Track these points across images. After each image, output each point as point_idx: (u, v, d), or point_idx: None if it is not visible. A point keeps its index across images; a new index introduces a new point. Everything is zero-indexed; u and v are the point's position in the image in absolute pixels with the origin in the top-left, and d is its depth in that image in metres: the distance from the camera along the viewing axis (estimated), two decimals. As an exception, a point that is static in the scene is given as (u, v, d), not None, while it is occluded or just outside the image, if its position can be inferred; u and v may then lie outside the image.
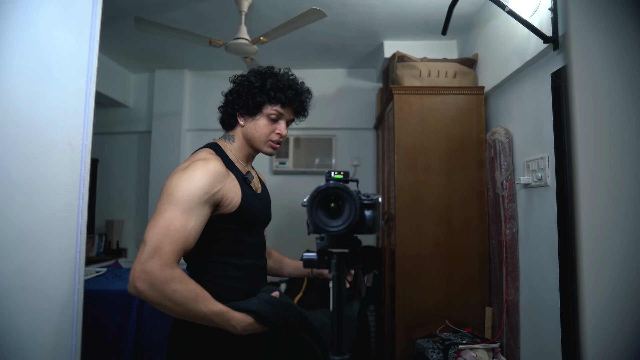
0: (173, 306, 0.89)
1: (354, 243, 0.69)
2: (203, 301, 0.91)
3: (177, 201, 0.94)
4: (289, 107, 1.16)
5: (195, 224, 0.96)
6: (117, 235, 3.48)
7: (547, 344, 1.62)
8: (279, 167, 3.39)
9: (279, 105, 1.14)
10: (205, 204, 0.99)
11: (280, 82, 1.14)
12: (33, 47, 0.86)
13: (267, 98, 1.13)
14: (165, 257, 0.89)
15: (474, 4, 2.27)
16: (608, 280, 0.67)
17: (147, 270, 0.87)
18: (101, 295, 2.01)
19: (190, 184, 0.97)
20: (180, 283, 0.89)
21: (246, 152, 1.19)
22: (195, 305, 0.90)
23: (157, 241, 0.89)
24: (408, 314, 2.10)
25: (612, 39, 0.71)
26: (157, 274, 0.87)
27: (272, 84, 1.13)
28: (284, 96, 1.13)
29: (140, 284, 0.86)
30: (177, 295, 0.88)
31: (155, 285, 0.87)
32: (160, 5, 2.36)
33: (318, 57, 3.20)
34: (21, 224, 0.82)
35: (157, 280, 0.87)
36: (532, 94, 1.78)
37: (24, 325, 0.82)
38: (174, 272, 0.89)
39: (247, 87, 1.14)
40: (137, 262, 0.88)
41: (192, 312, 0.90)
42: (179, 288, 0.88)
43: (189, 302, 0.89)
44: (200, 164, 1.01)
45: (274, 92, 1.13)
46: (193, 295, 0.90)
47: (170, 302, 0.88)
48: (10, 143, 0.80)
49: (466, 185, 2.14)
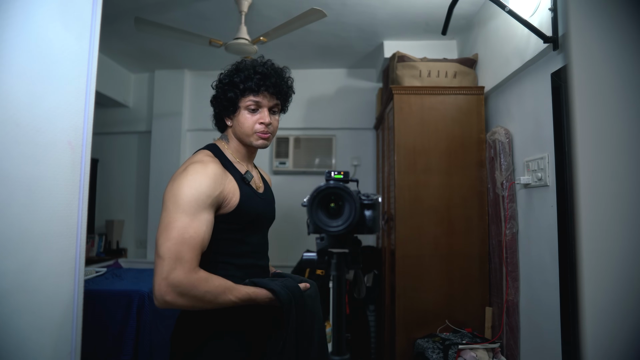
0: (206, 305, 0.96)
1: (354, 243, 0.69)
2: (231, 292, 0.97)
3: (185, 208, 0.96)
4: (264, 92, 1.12)
5: (207, 228, 1.00)
6: (117, 235, 3.48)
7: (547, 344, 1.62)
8: (279, 167, 3.39)
9: (252, 95, 1.11)
10: (210, 207, 1.00)
11: (245, 70, 1.12)
12: (33, 47, 0.86)
13: (238, 92, 1.11)
14: (187, 264, 0.93)
15: (474, 4, 2.27)
16: (608, 280, 0.67)
17: (173, 283, 0.90)
18: (101, 295, 2.01)
19: (193, 190, 0.98)
20: (207, 283, 0.94)
21: (243, 151, 1.18)
22: (225, 297, 0.96)
23: (176, 252, 0.92)
24: (408, 314, 2.10)
25: (612, 39, 0.71)
26: (184, 282, 0.91)
27: (238, 76, 1.12)
28: (252, 83, 1.10)
29: (170, 297, 0.90)
30: (208, 296, 0.94)
31: (185, 293, 0.91)
32: (160, 5, 2.36)
33: (318, 57, 3.20)
34: (21, 224, 0.82)
35: (186, 288, 0.91)
36: (532, 94, 1.78)
37: (24, 325, 0.82)
38: (198, 275, 0.94)
39: (220, 88, 1.15)
40: (159, 277, 0.90)
41: (223, 304, 0.97)
42: (208, 289, 0.94)
43: (219, 297, 0.96)
44: (198, 168, 1.02)
45: (243, 83, 1.11)
46: (221, 290, 0.96)
47: (202, 302, 0.94)
48: (10, 143, 0.80)
49: (466, 185, 2.14)
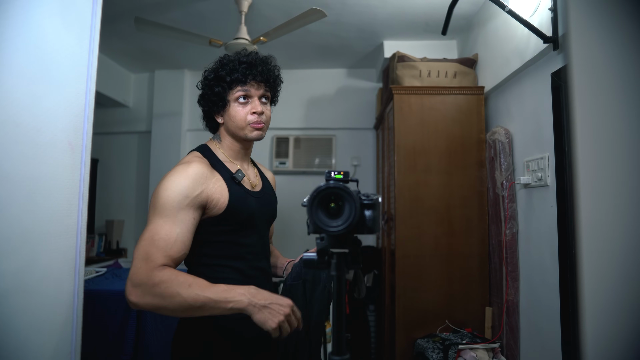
0: (171, 302, 0.87)
1: (354, 243, 0.69)
2: (199, 287, 0.89)
3: (159, 210, 0.95)
4: (251, 82, 1.10)
5: (182, 230, 0.96)
6: (117, 235, 3.48)
7: (547, 344, 1.62)
8: (279, 167, 3.39)
9: (239, 86, 1.09)
10: (188, 208, 0.98)
11: (230, 63, 1.10)
12: (33, 47, 0.86)
13: (225, 85, 1.09)
14: (152, 263, 0.90)
15: (474, 4, 2.27)
16: (608, 280, 0.67)
17: (135, 281, 0.88)
18: (101, 295, 2.01)
19: (169, 191, 0.97)
20: (170, 279, 0.88)
21: (236, 149, 1.15)
22: (191, 292, 0.87)
23: (144, 252, 0.91)
24: (408, 314, 2.10)
25: (612, 39, 0.71)
26: (144, 280, 0.88)
27: (223, 69, 1.10)
28: (238, 74, 1.08)
29: (133, 296, 0.88)
30: (169, 290, 0.87)
31: (147, 291, 0.87)
32: (160, 5, 2.36)
33: (318, 57, 3.20)
34: (21, 224, 0.82)
35: (147, 286, 0.87)
36: (532, 94, 1.78)
37: (24, 326, 0.82)
38: (162, 272, 0.89)
39: (206, 86, 1.13)
40: (127, 278, 0.90)
41: (192, 300, 0.87)
42: (169, 284, 0.87)
43: (183, 291, 0.87)
44: (180, 169, 1.01)
45: (229, 75, 1.09)
46: (186, 284, 0.88)
47: (165, 299, 0.87)
48: (10, 143, 0.80)
49: (466, 185, 2.14)
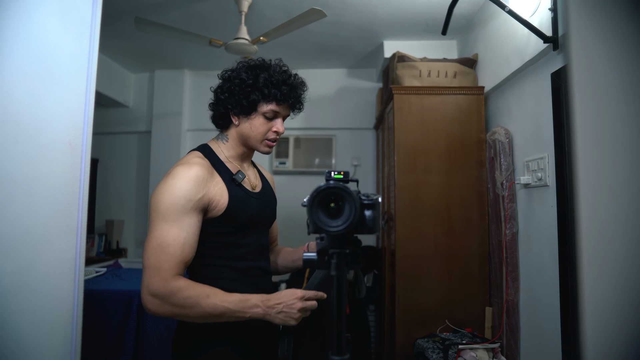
0: (190, 312, 0.92)
1: (354, 243, 0.69)
2: (216, 296, 0.93)
3: (164, 215, 0.95)
4: (285, 103, 1.10)
5: (188, 234, 0.97)
6: (117, 235, 3.48)
7: (547, 344, 1.62)
8: (279, 167, 3.39)
9: (274, 103, 1.08)
10: (192, 212, 0.98)
11: (273, 77, 1.07)
12: (33, 47, 0.86)
13: (261, 96, 1.06)
14: (165, 273, 0.92)
15: (474, 4, 2.27)
16: (608, 280, 0.67)
17: (152, 291, 0.91)
18: (101, 295, 2.01)
19: (172, 196, 0.96)
20: (187, 289, 0.92)
21: (240, 151, 1.15)
22: (210, 302, 0.91)
23: (155, 261, 0.92)
24: (408, 314, 2.10)
25: (612, 39, 0.71)
26: (161, 291, 0.91)
27: (265, 79, 1.06)
28: (278, 92, 1.07)
29: (151, 305, 0.91)
30: (189, 301, 0.91)
31: (165, 301, 0.91)
32: (160, 5, 2.36)
33: (318, 57, 3.20)
34: (21, 224, 0.82)
35: (165, 296, 0.91)
36: (532, 94, 1.78)
37: (24, 325, 0.82)
38: (178, 283, 0.92)
39: (239, 85, 1.07)
40: (142, 287, 0.92)
41: (211, 310, 0.91)
42: (188, 294, 0.91)
43: (202, 301, 0.91)
44: (180, 172, 0.99)
45: (268, 89, 1.06)
46: (204, 295, 0.92)
47: (185, 309, 0.91)
48: (10, 143, 0.80)
49: (466, 185, 2.14)
